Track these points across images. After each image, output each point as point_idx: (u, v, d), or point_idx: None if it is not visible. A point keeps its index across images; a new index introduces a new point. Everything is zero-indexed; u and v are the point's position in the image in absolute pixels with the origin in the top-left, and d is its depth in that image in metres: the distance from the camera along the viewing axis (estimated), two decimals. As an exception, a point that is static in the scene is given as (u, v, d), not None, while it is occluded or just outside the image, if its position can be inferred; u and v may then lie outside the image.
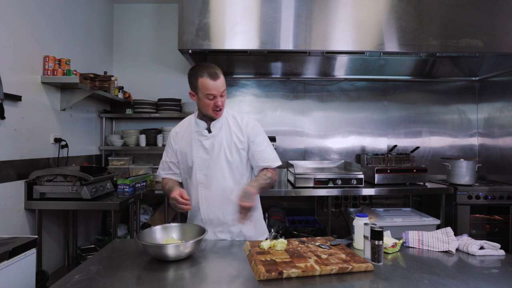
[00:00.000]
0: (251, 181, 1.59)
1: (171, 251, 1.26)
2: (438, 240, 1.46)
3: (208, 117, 1.60)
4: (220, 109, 1.56)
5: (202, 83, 1.49)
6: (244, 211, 1.44)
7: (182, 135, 1.68)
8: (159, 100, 3.38)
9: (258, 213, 1.75)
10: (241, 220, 1.46)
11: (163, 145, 3.32)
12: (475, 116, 3.63)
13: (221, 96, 1.52)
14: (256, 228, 1.71)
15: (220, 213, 1.61)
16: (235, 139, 1.62)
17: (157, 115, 3.32)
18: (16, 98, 2.12)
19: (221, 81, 1.50)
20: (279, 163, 1.71)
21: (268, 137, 1.73)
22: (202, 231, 1.40)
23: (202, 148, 1.61)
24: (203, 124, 1.62)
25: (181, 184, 1.75)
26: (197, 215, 1.65)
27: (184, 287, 1.09)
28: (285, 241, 1.40)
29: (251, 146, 1.63)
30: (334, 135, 3.63)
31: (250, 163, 1.70)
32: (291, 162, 3.33)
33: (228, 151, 1.61)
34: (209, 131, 1.61)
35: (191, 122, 1.68)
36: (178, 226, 1.50)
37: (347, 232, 3.34)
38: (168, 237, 1.45)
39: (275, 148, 2.92)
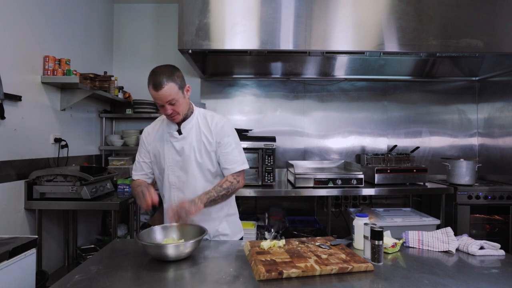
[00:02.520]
0: (202, 193, 1.52)
1: (171, 251, 1.26)
2: (438, 240, 1.46)
3: None
4: (173, 116, 1.51)
5: (149, 91, 1.46)
6: (177, 218, 1.44)
7: (154, 136, 1.65)
8: (159, 100, 3.37)
9: (233, 212, 1.75)
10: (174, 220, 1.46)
11: (163, 145, 3.32)
12: (475, 116, 3.63)
13: (171, 104, 1.46)
14: (232, 226, 1.71)
15: (194, 216, 1.58)
16: (204, 140, 1.59)
17: (157, 115, 3.32)
18: (16, 98, 2.13)
19: (165, 91, 1.42)
20: (245, 167, 1.64)
21: (268, 137, 1.71)
22: (202, 231, 1.40)
23: (173, 149, 1.59)
24: (174, 126, 1.59)
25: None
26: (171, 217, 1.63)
27: (184, 287, 1.09)
28: (283, 241, 1.40)
29: (218, 147, 1.60)
30: (334, 135, 3.63)
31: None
32: (291, 162, 3.33)
33: (198, 152, 1.58)
34: (180, 133, 1.59)
35: (163, 122, 1.65)
36: (178, 226, 1.50)
37: (347, 232, 3.33)
38: (168, 237, 1.45)
39: (273, 148, 2.96)
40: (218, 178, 1.64)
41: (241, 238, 1.77)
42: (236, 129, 1.73)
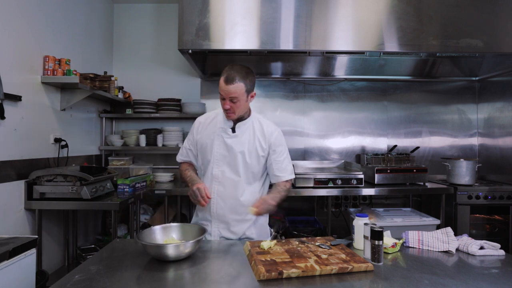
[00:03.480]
0: (273, 192, 1.65)
1: (171, 251, 1.26)
2: (438, 240, 1.46)
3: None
4: (229, 113, 1.57)
5: (219, 82, 1.54)
6: (256, 214, 1.54)
7: (206, 127, 1.70)
8: (159, 100, 3.38)
9: (264, 217, 1.78)
10: (258, 212, 1.54)
11: (163, 145, 3.33)
12: (475, 116, 3.63)
13: (230, 100, 1.53)
14: (259, 231, 1.74)
15: (228, 211, 1.64)
16: (257, 145, 1.66)
17: (157, 115, 3.32)
18: (16, 98, 2.12)
19: (233, 87, 1.50)
20: (293, 176, 1.75)
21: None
22: (202, 231, 1.40)
23: (224, 144, 1.64)
24: (230, 123, 1.65)
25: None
26: (206, 208, 1.67)
27: (184, 287, 1.09)
28: (274, 241, 1.42)
29: (272, 154, 1.67)
30: (334, 135, 3.63)
31: (267, 171, 1.73)
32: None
33: (248, 154, 1.64)
34: (233, 131, 1.64)
35: (217, 116, 1.70)
36: (178, 226, 1.50)
37: (347, 232, 3.33)
38: (168, 237, 1.45)
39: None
40: (257, 182, 1.71)
41: None
42: None
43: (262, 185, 1.74)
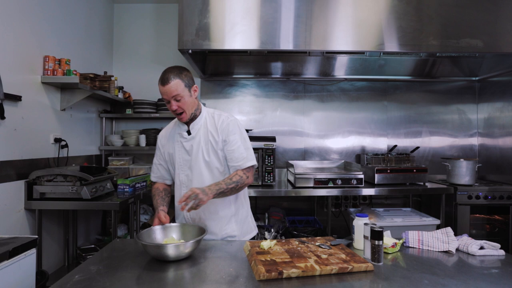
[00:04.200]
0: (212, 184, 1.51)
1: (171, 251, 1.26)
2: (438, 240, 1.46)
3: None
4: (180, 113, 1.56)
5: (159, 89, 1.55)
6: (186, 206, 1.40)
7: (167, 138, 1.73)
8: (159, 100, 3.38)
9: (243, 212, 1.73)
10: (184, 208, 1.41)
11: (163, 145, 3.32)
12: (475, 116, 3.63)
13: (175, 99, 1.52)
14: (241, 227, 1.69)
15: (201, 213, 1.62)
16: (211, 139, 1.62)
17: (157, 115, 3.32)
18: (16, 98, 2.12)
19: (171, 86, 1.49)
20: (253, 163, 1.62)
21: (268, 137, 1.73)
22: (202, 231, 1.40)
23: (183, 149, 1.65)
24: (184, 127, 1.66)
25: (169, 187, 1.81)
26: (180, 214, 1.69)
27: (184, 287, 1.09)
28: (274, 241, 1.41)
29: (225, 145, 1.61)
30: (334, 135, 3.63)
31: None
32: (291, 162, 3.33)
33: (205, 151, 1.62)
34: (189, 133, 1.64)
35: (175, 124, 1.72)
36: (178, 226, 1.51)
37: (347, 232, 3.34)
38: (168, 237, 1.45)
39: (273, 148, 2.96)
40: (224, 177, 1.63)
41: (253, 238, 1.75)
42: None
43: None
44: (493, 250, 1.40)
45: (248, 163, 1.61)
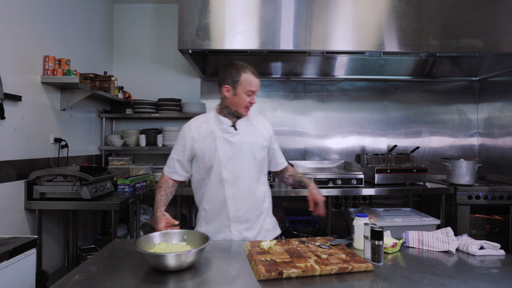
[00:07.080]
0: (307, 180, 1.83)
1: (171, 261, 1.16)
2: (438, 240, 1.46)
3: (234, 114, 1.63)
4: (250, 106, 1.64)
5: (246, 78, 1.57)
6: (321, 204, 1.69)
7: (200, 133, 1.62)
8: (159, 100, 3.38)
9: (271, 207, 1.79)
10: (322, 212, 1.69)
11: (163, 145, 3.33)
12: (475, 116, 3.63)
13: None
14: (273, 221, 1.77)
15: (247, 209, 1.63)
16: (261, 137, 1.68)
17: (157, 115, 3.32)
18: (16, 98, 2.12)
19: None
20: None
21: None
22: (206, 238, 1.29)
23: (229, 145, 1.61)
24: (228, 122, 1.63)
25: (180, 183, 1.73)
26: (221, 214, 1.62)
27: (183, 287, 1.09)
28: (274, 242, 1.41)
29: (272, 144, 1.75)
30: (334, 135, 3.63)
31: (269, 160, 1.78)
32: (291, 162, 3.33)
33: (255, 147, 1.64)
34: (235, 128, 1.63)
35: (208, 120, 1.65)
36: (179, 233, 1.40)
37: (347, 232, 3.33)
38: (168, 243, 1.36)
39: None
40: (263, 174, 1.73)
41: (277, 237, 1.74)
42: None
43: (264, 176, 1.76)
44: (493, 250, 1.40)
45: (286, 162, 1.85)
